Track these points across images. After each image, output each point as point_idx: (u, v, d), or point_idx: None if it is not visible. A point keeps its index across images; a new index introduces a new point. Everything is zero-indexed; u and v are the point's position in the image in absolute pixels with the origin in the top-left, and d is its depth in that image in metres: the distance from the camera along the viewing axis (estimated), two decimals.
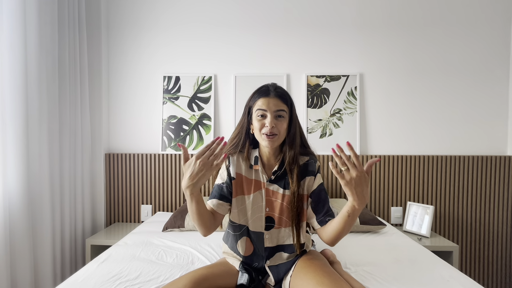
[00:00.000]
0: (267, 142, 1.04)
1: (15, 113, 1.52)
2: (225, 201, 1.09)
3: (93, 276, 1.15)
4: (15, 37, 1.52)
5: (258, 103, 1.05)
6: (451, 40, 2.19)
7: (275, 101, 1.04)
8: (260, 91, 1.08)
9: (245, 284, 1.04)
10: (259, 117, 1.05)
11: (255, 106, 1.06)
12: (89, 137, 2.10)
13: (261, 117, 1.04)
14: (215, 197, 1.09)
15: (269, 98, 1.05)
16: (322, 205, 1.08)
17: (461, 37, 2.18)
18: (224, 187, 1.10)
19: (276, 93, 1.06)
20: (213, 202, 1.09)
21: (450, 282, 1.11)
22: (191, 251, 1.44)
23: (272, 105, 1.04)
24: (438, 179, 2.16)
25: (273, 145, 1.05)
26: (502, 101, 2.19)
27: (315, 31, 2.22)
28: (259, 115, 1.04)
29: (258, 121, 1.05)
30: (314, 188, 1.09)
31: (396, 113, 2.22)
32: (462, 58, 2.19)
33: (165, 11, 2.24)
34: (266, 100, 1.04)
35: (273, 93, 1.06)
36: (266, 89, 1.08)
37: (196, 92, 2.24)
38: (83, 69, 2.05)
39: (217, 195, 1.09)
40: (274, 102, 1.04)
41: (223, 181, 1.11)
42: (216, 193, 1.10)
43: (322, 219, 1.06)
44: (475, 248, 2.16)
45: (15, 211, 1.54)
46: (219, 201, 1.09)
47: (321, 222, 1.06)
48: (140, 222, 2.23)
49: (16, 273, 1.54)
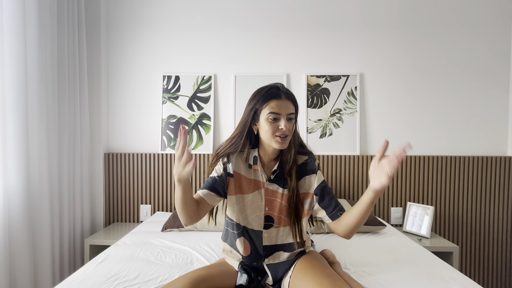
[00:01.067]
0: (280, 144, 1.04)
1: (15, 113, 1.52)
2: (216, 193, 1.10)
3: (92, 276, 1.15)
4: (15, 37, 1.52)
5: (271, 106, 1.03)
6: (452, 40, 2.18)
7: (287, 104, 1.05)
8: (270, 93, 1.05)
9: (244, 285, 1.04)
10: (272, 120, 1.03)
11: (265, 108, 1.04)
12: (88, 137, 2.10)
13: (274, 120, 1.03)
14: (207, 187, 1.10)
15: (281, 101, 1.04)
16: (329, 199, 1.09)
17: (462, 38, 2.18)
18: (217, 180, 1.10)
19: (287, 96, 1.06)
20: (203, 192, 1.09)
21: (450, 283, 1.11)
22: (190, 251, 1.44)
23: (284, 109, 1.03)
24: (438, 179, 2.15)
25: (285, 146, 1.05)
26: (502, 102, 2.19)
27: (315, 30, 2.22)
28: (272, 118, 1.03)
29: (270, 123, 1.03)
30: (318, 185, 1.10)
31: (396, 113, 2.22)
32: (463, 58, 2.18)
33: (165, 10, 2.24)
34: (278, 103, 1.03)
35: (284, 96, 1.05)
36: (276, 91, 1.05)
37: (196, 91, 2.24)
38: (83, 68, 2.05)
39: (209, 186, 1.10)
40: (286, 105, 1.04)
41: (218, 175, 1.11)
42: (208, 184, 1.11)
43: (334, 214, 1.07)
44: (475, 248, 2.15)
45: (15, 211, 1.53)
46: (210, 192, 1.09)
47: (333, 217, 1.07)
48: (139, 222, 2.22)
49: (15, 272, 1.53)
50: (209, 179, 1.12)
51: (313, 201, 1.12)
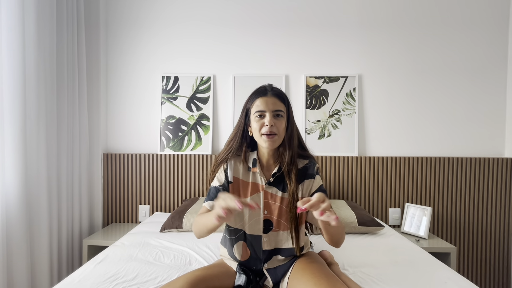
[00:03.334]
0: (267, 142, 1.04)
1: (13, 112, 1.52)
2: None
3: (90, 276, 1.15)
4: (13, 37, 1.51)
5: (256, 103, 1.05)
6: (450, 40, 2.19)
7: (273, 100, 1.05)
8: (257, 91, 1.08)
9: (243, 285, 1.04)
10: (258, 118, 1.04)
11: (253, 107, 1.06)
12: (87, 137, 2.10)
13: (260, 117, 1.04)
14: (213, 199, 1.09)
15: (267, 98, 1.05)
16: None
17: (460, 38, 2.19)
18: (221, 190, 1.10)
19: (273, 92, 1.07)
20: (210, 204, 1.08)
21: (447, 284, 1.11)
22: (188, 252, 1.44)
23: (270, 105, 1.04)
24: (436, 180, 2.16)
25: (273, 145, 1.05)
26: (499, 104, 2.20)
27: (314, 32, 2.23)
28: (258, 116, 1.04)
29: (257, 121, 1.05)
30: (315, 190, 1.10)
31: (394, 114, 2.22)
32: (460, 59, 2.19)
33: (164, 10, 2.24)
34: (264, 99, 1.05)
35: (270, 93, 1.06)
36: (263, 89, 1.08)
37: (195, 92, 2.24)
38: (82, 68, 2.05)
39: (215, 197, 1.09)
40: (272, 101, 1.05)
41: (220, 184, 1.11)
42: (214, 195, 1.10)
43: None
44: (472, 249, 2.16)
45: (12, 211, 1.53)
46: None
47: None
48: (138, 222, 2.22)
49: (13, 273, 1.53)
50: (213, 189, 1.11)
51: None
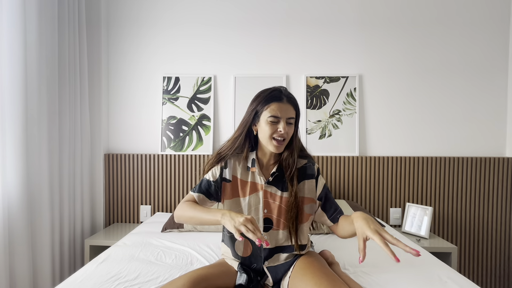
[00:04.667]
0: (276, 147, 1.06)
1: (14, 113, 1.52)
2: (208, 198, 1.13)
3: (92, 276, 1.15)
4: (15, 37, 1.52)
5: (272, 108, 1.04)
6: (451, 41, 2.19)
7: (288, 107, 1.06)
8: (272, 95, 1.06)
9: (244, 284, 1.04)
10: (271, 123, 1.04)
11: (266, 110, 1.05)
12: (88, 138, 2.10)
13: (273, 122, 1.05)
14: (203, 192, 1.13)
15: (282, 104, 1.05)
16: (330, 204, 1.15)
17: (460, 39, 2.19)
18: (213, 185, 1.12)
19: (288, 99, 1.07)
20: (199, 196, 1.12)
21: (448, 283, 1.12)
22: (190, 251, 1.44)
23: (285, 112, 1.05)
24: (437, 180, 2.16)
25: (281, 150, 1.08)
26: (500, 104, 2.20)
27: (315, 32, 2.23)
28: (271, 121, 1.04)
29: (270, 126, 1.05)
30: (320, 191, 1.14)
31: (395, 114, 2.23)
32: (461, 59, 2.19)
33: (165, 11, 2.25)
34: (279, 105, 1.04)
35: (285, 99, 1.06)
36: (279, 94, 1.07)
37: (196, 92, 2.25)
38: (83, 68, 2.05)
39: (205, 191, 1.13)
40: (287, 109, 1.05)
41: (213, 179, 1.13)
42: (204, 189, 1.13)
43: (334, 217, 1.13)
44: (473, 249, 2.16)
45: (14, 211, 1.54)
46: (205, 197, 1.13)
47: (333, 220, 1.13)
48: (139, 222, 2.23)
49: (15, 273, 1.54)
50: (205, 182, 1.13)
51: (314, 205, 1.13)
